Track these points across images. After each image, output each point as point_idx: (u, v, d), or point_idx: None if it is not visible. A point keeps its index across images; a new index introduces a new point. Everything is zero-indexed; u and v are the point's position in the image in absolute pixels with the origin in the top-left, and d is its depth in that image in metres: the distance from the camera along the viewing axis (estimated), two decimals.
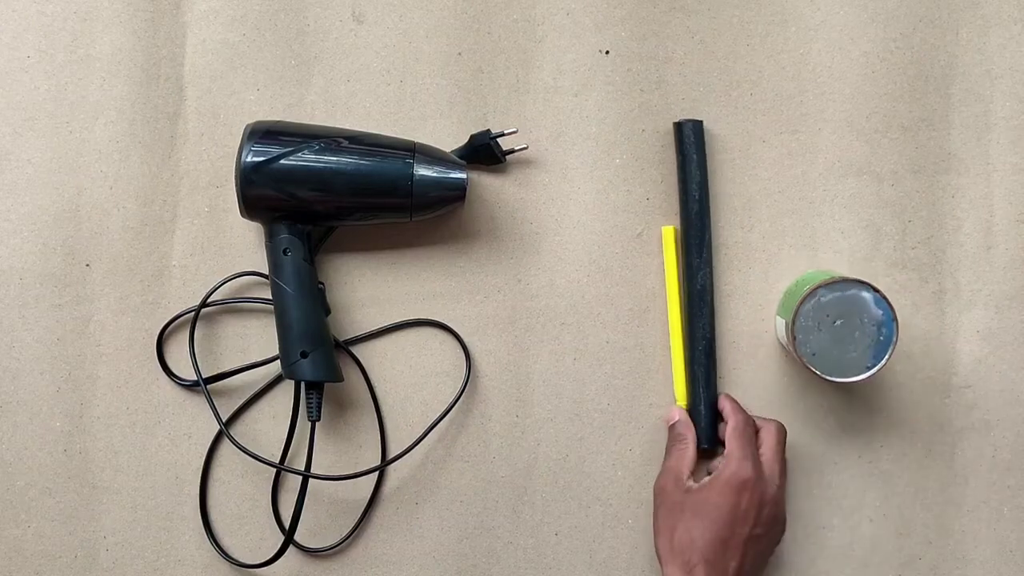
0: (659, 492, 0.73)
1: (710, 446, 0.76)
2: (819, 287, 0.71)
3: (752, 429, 0.73)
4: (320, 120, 0.78)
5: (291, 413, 0.76)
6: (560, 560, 0.78)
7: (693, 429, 0.75)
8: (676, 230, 0.78)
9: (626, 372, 0.78)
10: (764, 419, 0.75)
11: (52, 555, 0.78)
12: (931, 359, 0.78)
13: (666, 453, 0.75)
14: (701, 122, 0.77)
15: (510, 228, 0.78)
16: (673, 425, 0.76)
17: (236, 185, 0.71)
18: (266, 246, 0.74)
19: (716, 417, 0.77)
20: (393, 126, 0.78)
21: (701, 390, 0.76)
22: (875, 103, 0.78)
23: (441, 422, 0.77)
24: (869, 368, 0.71)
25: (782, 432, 0.73)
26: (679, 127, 0.76)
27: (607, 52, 0.78)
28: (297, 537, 0.77)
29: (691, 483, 0.72)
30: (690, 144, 0.76)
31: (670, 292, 0.77)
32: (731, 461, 0.70)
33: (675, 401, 0.77)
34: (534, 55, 0.78)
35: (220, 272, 0.78)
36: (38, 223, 0.78)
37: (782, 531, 0.73)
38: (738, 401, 0.76)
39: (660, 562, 0.71)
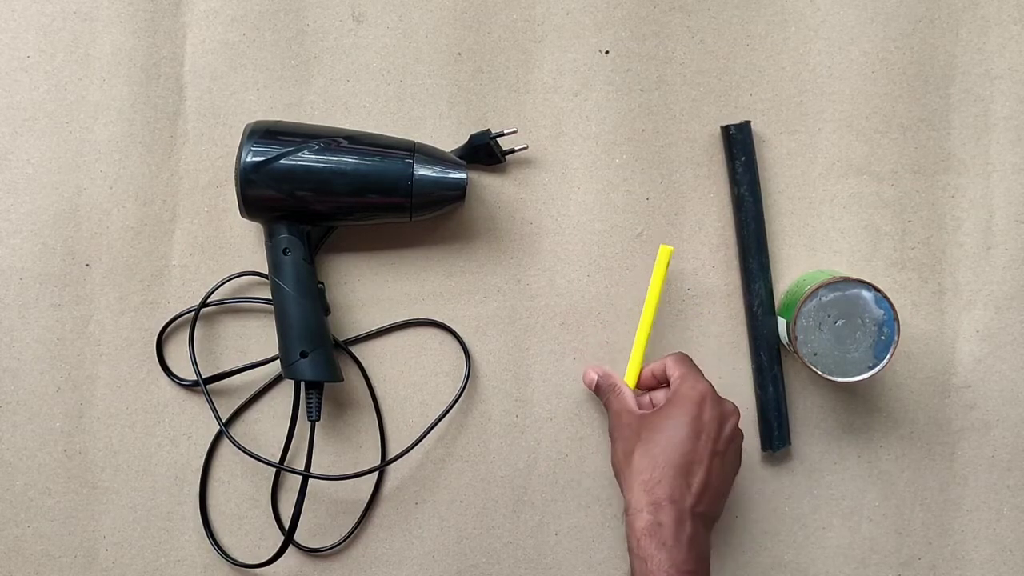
0: (614, 429, 0.71)
1: (783, 445, 0.77)
2: (820, 287, 0.71)
3: (692, 360, 0.72)
4: (320, 120, 0.78)
5: (291, 413, 0.76)
6: (560, 560, 0.78)
7: (615, 375, 0.74)
8: (673, 252, 0.75)
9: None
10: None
11: (52, 555, 0.78)
12: (931, 359, 0.78)
13: (607, 405, 0.74)
14: (748, 123, 0.77)
15: (510, 228, 0.78)
16: (598, 383, 0.75)
17: (236, 185, 0.71)
18: (266, 246, 0.74)
19: (787, 415, 0.77)
20: (393, 126, 0.78)
21: (771, 390, 0.76)
22: (875, 103, 0.78)
23: (441, 422, 0.77)
24: (871, 368, 0.71)
25: None
26: (726, 131, 0.76)
27: (607, 52, 0.78)
28: (297, 537, 0.77)
29: (644, 412, 0.70)
30: (739, 147, 0.76)
31: (646, 310, 0.75)
32: (685, 379, 0.69)
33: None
34: (534, 55, 0.78)
35: (220, 272, 0.78)
36: (38, 223, 0.78)
37: (739, 461, 0.70)
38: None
39: (623, 492, 0.68)
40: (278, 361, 0.74)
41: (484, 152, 0.77)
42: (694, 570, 0.63)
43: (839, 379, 0.71)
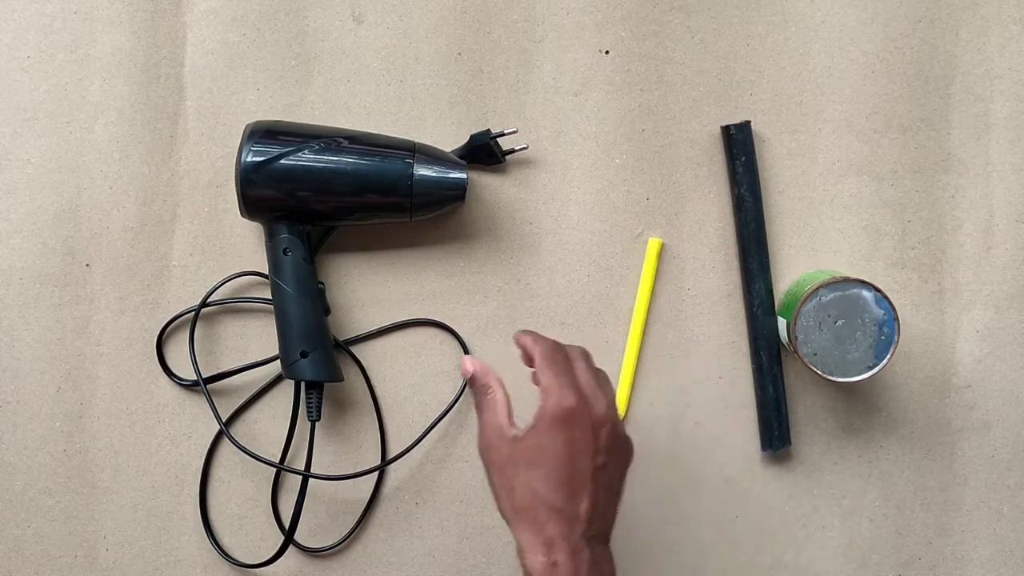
0: (485, 451, 0.64)
1: (783, 445, 0.76)
2: (820, 287, 0.71)
3: (563, 354, 0.64)
4: (320, 120, 0.78)
5: (291, 413, 0.76)
6: None
7: (494, 373, 0.67)
8: (663, 244, 0.77)
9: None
10: (567, 345, 0.67)
11: (52, 555, 0.78)
12: (931, 359, 0.78)
13: (477, 409, 0.66)
14: (748, 123, 0.77)
15: (510, 228, 0.78)
16: (472, 377, 0.67)
17: (236, 185, 0.71)
18: (266, 246, 0.74)
19: (787, 415, 0.77)
20: (393, 126, 0.78)
21: (771, 390, 0.76)
22: (875, 103, 0.78)
23: (441, 422, 0.77)
24: (871, 368, 0.71)
25: (584, 350, 0.66)
26: (726, 131, 0.76)
27: (607, 52, 0.78)
28: (297, 537, 0.77)
29: (515, 431, 0.63)
30: (739, 147, 0.76)
31: (639, 304, 0.77)
32: (550, 394, 0.61)
33: (619, 410, 0.77)
34: (534, 55, 0.78)
35: (220, 272, 0.78)
36: (38, 223, 0.78)
37: (629, 454, 0.64)
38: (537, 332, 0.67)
39: (509, 525, 0.63)
40: (278, 361, 0.74)
41: (484, 152, 0.77)
42: None
43: (839, 379, 0.71)
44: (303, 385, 0.74)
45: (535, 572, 0.60)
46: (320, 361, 0.72)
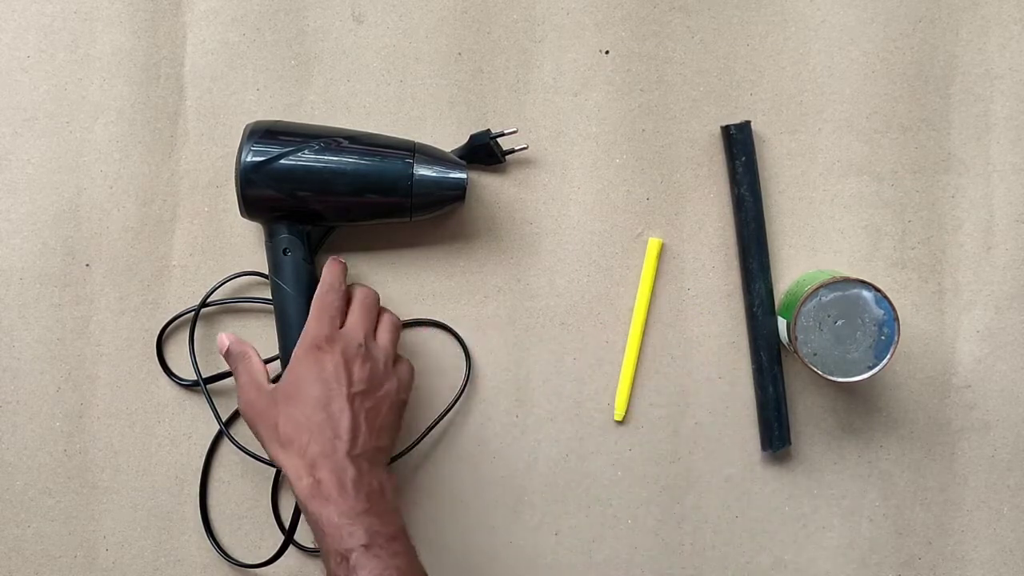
0: (246, 408, 0.69)
1: (783, 445, 0.76)
2: (820, 287, 0.71)
3: (334, 296, 0.69)
4: (320, 120, 0.78)
5: None
6: (560, 560, 0.78)
7: (248, 343, 0.72)
8: (663, 244, 0.78)
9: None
10: (357, 285, 0.72)
11: (52, 555, 0.78)
12: (931, 359, 0.78)
13: (236, 376, 0.71)
14: (748, 123, 0.76)
15: (510, 228, 0.78)
16: (228, 349, 0.72)
17: (236, 185, 0.71)
18: (266, 246, 0.74)
19: (787, 415, 0.77)
20: (393, 126, 0.78)
21: (771, 390, 0.76)
22: (875, 103, 0.78)
23: (441, 422, 0.77)
24: (871, 368, 0.71)
25: (367, 293, 0.71)
26: (726, 131, 0.76)
27: (607, 52, 0.78)
28: (297, 537, 0.77)
29: (273, 385, 0.69)
30: (739, 147, 0.76)
31: (639, 304, 0.77)
32: (308, 329, 0.68)
33: (615, 412, 0.78)
34: (534, 55, 0.78)
35: (220, 272, 0.78)
36: (38, 223, 0.78)
37: (395, 389, 0.69)
38: (344, 267, 0.72)
39: (280, 466, 0.66)
40: (278, 361, 0.74)
41: (484, 152, 0.77)
42: (366, 508, 0.62)
43: (839, 379, 0.71)
44: None
45: (303, 495, 0.63)
46: None
